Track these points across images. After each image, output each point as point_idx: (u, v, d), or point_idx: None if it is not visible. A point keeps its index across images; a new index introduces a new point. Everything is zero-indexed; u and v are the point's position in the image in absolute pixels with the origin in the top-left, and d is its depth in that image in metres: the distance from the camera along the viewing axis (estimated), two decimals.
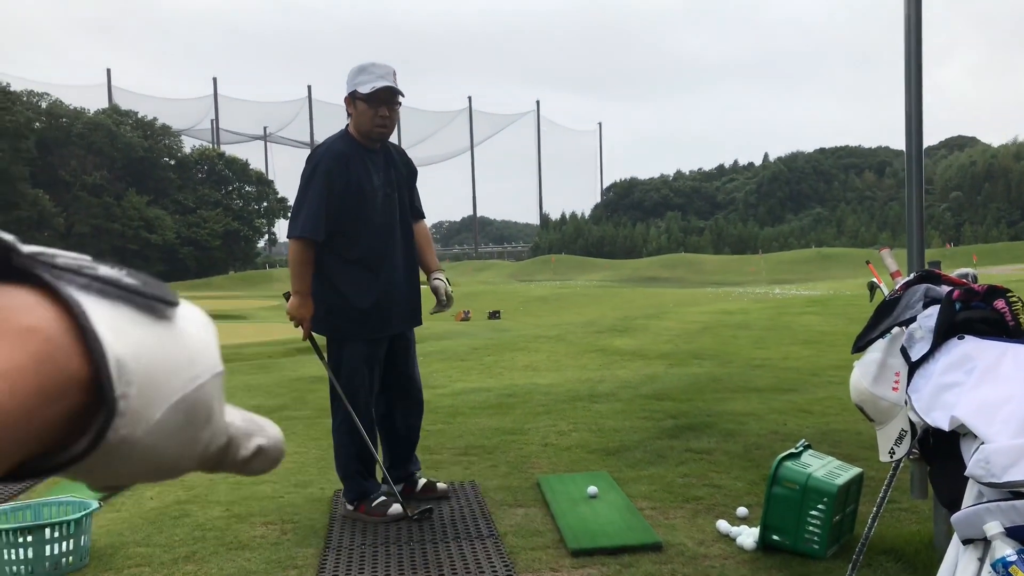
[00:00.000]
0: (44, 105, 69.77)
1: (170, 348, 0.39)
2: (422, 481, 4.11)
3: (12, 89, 65.84)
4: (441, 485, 4.12)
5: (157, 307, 0.39)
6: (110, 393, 0.35)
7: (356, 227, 3.79)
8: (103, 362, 0.35)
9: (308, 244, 3.74)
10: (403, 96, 3.85)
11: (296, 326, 3.83)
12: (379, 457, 3.95)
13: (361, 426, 3.79)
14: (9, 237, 0.36)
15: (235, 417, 0.45)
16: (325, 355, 3.91)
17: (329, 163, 3.75)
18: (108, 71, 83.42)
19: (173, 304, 0.40)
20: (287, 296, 3.84)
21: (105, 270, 0.39)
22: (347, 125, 3.91)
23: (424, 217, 4.18)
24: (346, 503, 3.88)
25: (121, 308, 0.38)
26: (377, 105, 3.78)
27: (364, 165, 3.82)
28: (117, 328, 0.37)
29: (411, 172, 4.10)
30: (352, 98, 3.81)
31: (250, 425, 0.46)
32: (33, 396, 0.34)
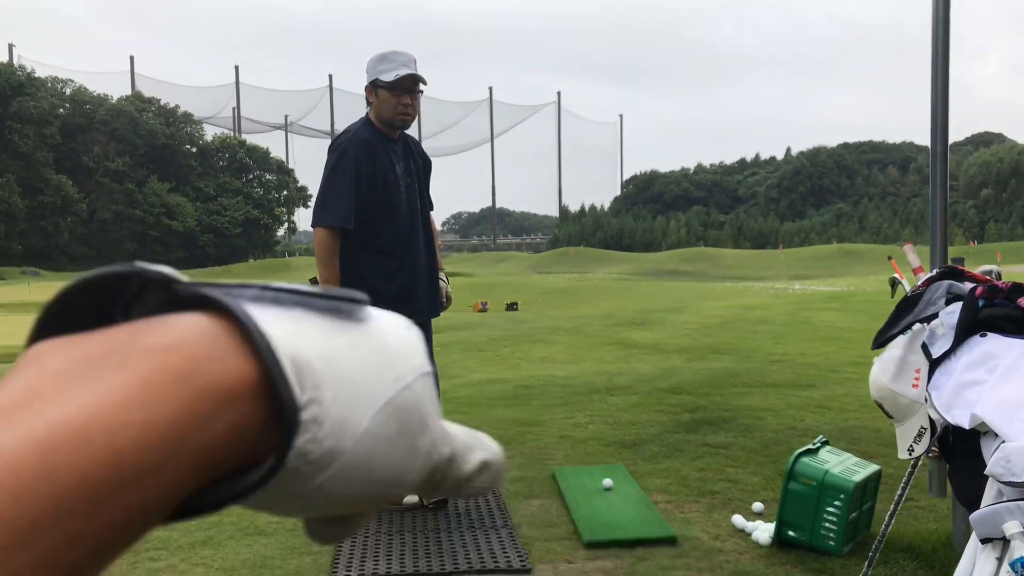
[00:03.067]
0: (68, 91, 70.36)
1: (365, 349, 0.35)
2: None
3: (37, 75, 66.49)
4: None
5: (343, 307, 0.36)
6: (287, 395, 0.31)
7: (382, 216, 3.79)
8: (272, 361, 0.31)
9: (337, 233, 3.72)
10: (425, 83, 3.84)
11: None
12: None
13: None
14: (166, 270, 0.33)
15: (456, 431, 0.41)
16: None
17: (356, 151, 3.73)
18: (131, 58, 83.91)
19: (360, 303, 0.36)
20: (314, 282, 3.84)
21: (283, 284, 0.35)
22: (367, 113, 3.90)
23: (433, 209, 4.18)
24: None
25: (299, 312, 0.34)
26: (400, 93, 3.77)
27: (387, 154, 3.82)
28: (296, 331, 0.33)
29: (426, 163, 4.11)
30: (374, 86, 3.80)
31: (470, 439, 0.41)
32: (179, 421, 0.30)
